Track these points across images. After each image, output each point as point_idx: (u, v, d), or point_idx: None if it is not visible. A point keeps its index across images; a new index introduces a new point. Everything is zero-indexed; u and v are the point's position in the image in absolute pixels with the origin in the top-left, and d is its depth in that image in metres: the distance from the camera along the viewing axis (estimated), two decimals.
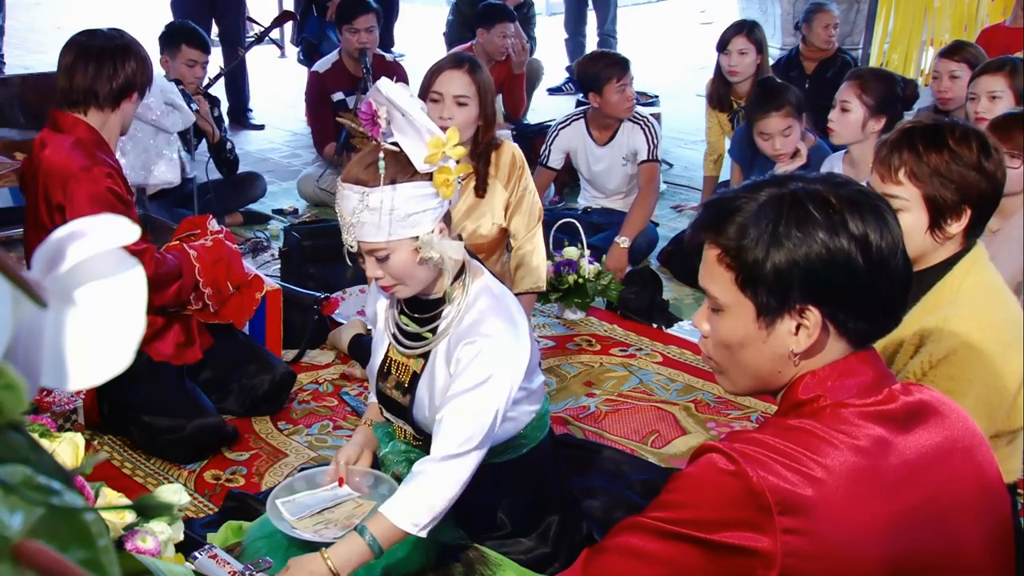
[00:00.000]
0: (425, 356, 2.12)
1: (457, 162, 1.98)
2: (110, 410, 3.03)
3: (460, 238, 2.12)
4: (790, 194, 1.29)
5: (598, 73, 4.38)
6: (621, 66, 4.36)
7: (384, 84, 1.94)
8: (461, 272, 2.08)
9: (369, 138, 1.97)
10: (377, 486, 2.18)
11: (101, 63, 2.85)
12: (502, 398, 1.98)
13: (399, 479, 2.19)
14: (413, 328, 2.13)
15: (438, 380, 2.08)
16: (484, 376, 1.96)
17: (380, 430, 2.28)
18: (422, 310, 2.12)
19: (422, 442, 2.20)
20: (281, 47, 8.41)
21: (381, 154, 1.93)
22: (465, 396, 1.96)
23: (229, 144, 4.95)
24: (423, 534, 1.95)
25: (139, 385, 2.89)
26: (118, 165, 2.90)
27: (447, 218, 2.05)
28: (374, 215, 1.93)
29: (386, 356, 2.21)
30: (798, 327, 1.29)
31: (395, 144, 1.95)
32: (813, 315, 1.28)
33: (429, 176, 1.96)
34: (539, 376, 2.27)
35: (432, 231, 1.97)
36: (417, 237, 1.96)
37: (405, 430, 2.21)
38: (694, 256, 1.38)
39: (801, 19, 5.91)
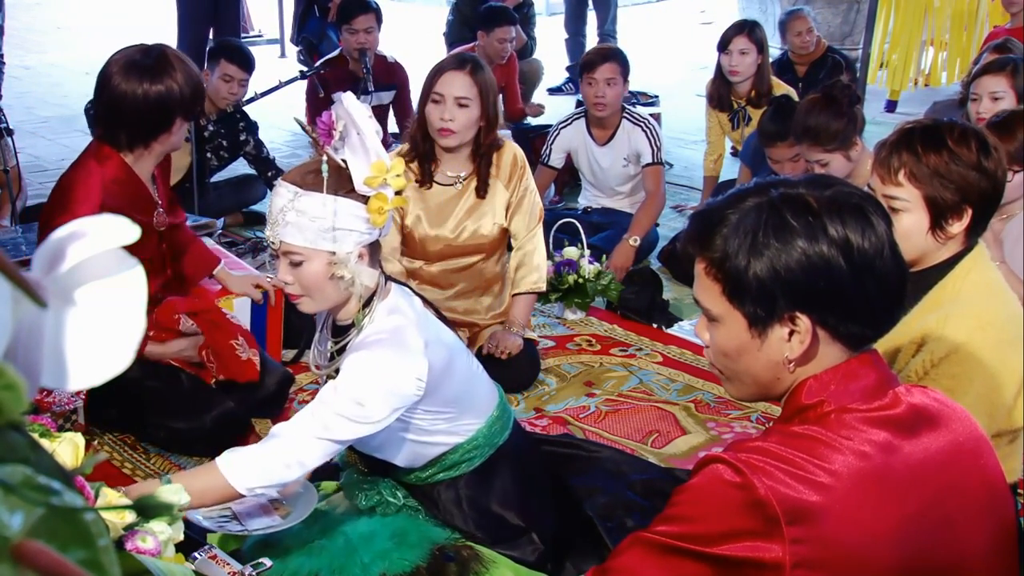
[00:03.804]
0: None
1: (398, 193, 1.97)
2: (115, 413, 3.03)
3: (382, 268, 2.12)
4: (768, 202, 1.28)
5: (582, 67, 4.47)
6: (591, 64, 4.38)
7: (347, 99, 1.95)
8: (372, 298, 2.07)
9: (321, 146, 1.97)
10: (298, 494, 2.15)
11: (122, 110, 2.71)
12: (366, 415, 1.95)
13: (371, 510, 2.23)
14: (333, 352, 2.16)
15: None
16: (350, 389, 1.95)
17: (340, 457, 2.32)
18: (336, 334, 2.15)
19: (368, 468, 2.25)
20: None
21: (324, 162, 1.94)
22: (327, 402, 1.95)
23: (271, 172, 4.80)
24: (237, 486, 1.93)
25: (145, 391, 2.88)
26: (146, 202, 2.84)
27: (374, 247, 2.05)
28: (300, 218, 1.94)
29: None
30: (791, 334, 1.28)
31: (343, 160, 1.96)
32: (803, 321, 1.27)
33: (365, 200, 1.96)
34: (481, 389, 2.26)
35: (351, 252, 1.97)
36: (335, 252, 1.96)
37: (352, 454, 2.27)
38: (689, 267, 1.38)
39: (777, 28, 5.94)
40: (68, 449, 1.73)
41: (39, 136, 6.52)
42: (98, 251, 0.58)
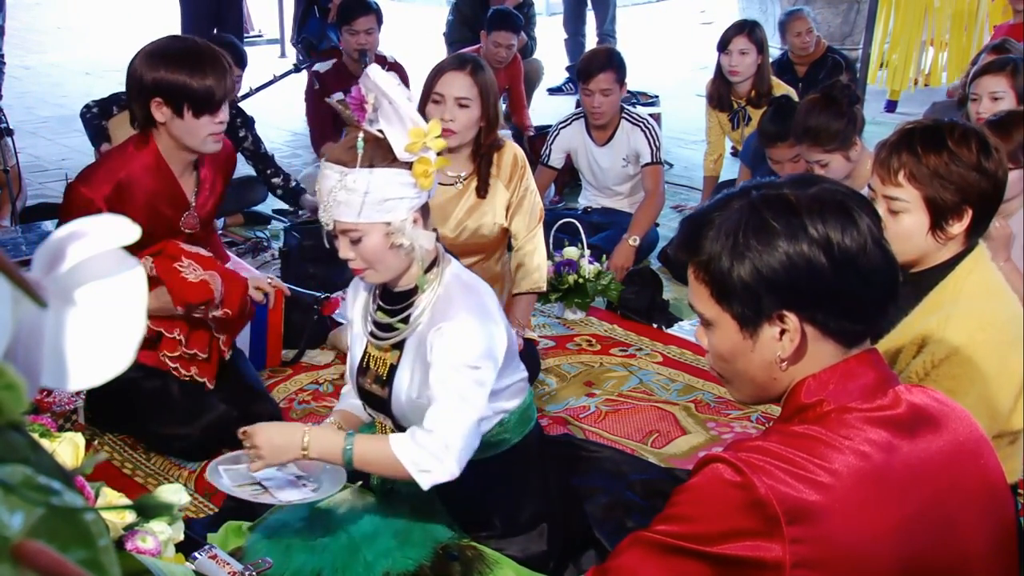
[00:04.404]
0: (400, 347, 2.15)
1: (438, 154, 2.02)
2: (114, 416, 3.02)
3: (437, 232, 2.17)
4: (749, 204, 1.29)
5: (577, 74, 4.47)
6: (585, 74, 4.37)
7: (374, 71, 1.99)
8: (435, 263, 2.13)
9: (356, 123, 2.02)
10: (323, 471, 2.18)
11: (127, 77, 2.76)
12: (483, 377, 2.02)
13: (389, 492, 2.22)
14: (386, 320, 2.17)
15: (413, 369, 2.11)
16: (469, 362, 2.00)
17: (365, 431, 2.30)
18: (394, 301, 2.16)
19: None
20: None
21: (362, 137, 1.98)
22: (448, 380, 2.00)
23: (280, 178, 4.70)
24: (420, 481, 1.97)
25: (139, 394, 2.88)
26: (175, 197, 2.85)
27: (424, 210, 2.09)
28: (350, 195, 1.98)
29: (364, 352, 2.24)
30: (781, 333, 1.29)
31: (380, 131, 2.00)
32: (792, 320, 1.28)
33: (409, 165, 2.00)
34: (519, 372, 2.28)
35: (405, 219, 2.02)
36: (390, 223, 2.01)
37: (386, 425, 2.24)
38: (682, 271, 1.39)
39: (777, 28, 5.94)
40: (68, 449, 1.73)
41: (39, 136, 6.52)
42: (98, 251, 0.58)
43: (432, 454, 1.96)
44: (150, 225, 2.78)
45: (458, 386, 1.99)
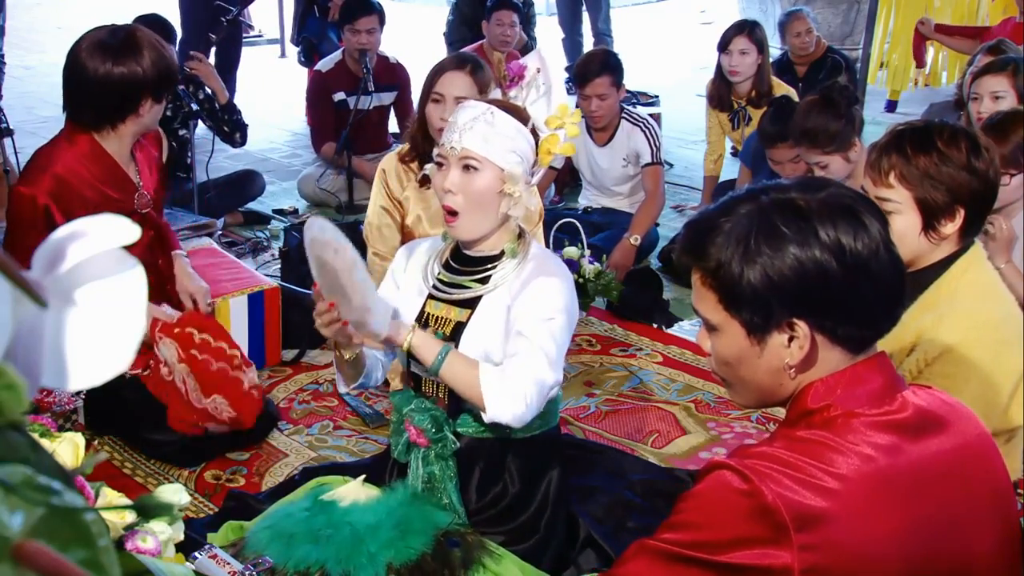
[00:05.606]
0: (470, 306, 2.18)
1: (568, 138, 2.13)
2: (108, 421, 3.02)
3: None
4: (758, 209, 1.28)
5: (574, 79, 4.48)
6: (581, 79, 4.37)
7: (546, 52, 2.15)
8: (522, 233, 2.22)
9: (505, 88, 2.18)
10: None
11: (88, 89, 2.72)
12: (561, 329, 2.09)
13: (424, 435, 2.21)
14: (455, 280, 2.22)
15: (489, 329, 2.14)
16: (550, 314, 2.08)
17: (398, 396, 2.31)
18: (470, 264, 2.21)
19: (448, 402, 2.23)
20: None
21: (519, 99, 2.14)
22: (531, 334, 2.07)
23: (227, 127, 4.68)
24: (489, 410, 2.04)
25: (128, 402, 2.88)
26: (121, 180, 2.85)
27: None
28: (490, 129, 2.07)
29: (422, 312, 2.25)
30: (790, 340, 1.28)
31: (523, 103, 2.15)
32: (801, 327, 1.27)
33: (537, 140, 2.12)
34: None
35: (520, 175, 2.11)
36: (507, 170, 2.09)
37: (440, 384, 2.23)
38: (685, 275, 1.39)
39: (777, 28, 5.94)
40: (68, 449, 1.73)
41: (39, 136, 6.51)
42: (98, 251, 0.58)
43: (510, 395, 2.03)
44: (103, 211, 2.76)
45: (540, 340, 2.06)
